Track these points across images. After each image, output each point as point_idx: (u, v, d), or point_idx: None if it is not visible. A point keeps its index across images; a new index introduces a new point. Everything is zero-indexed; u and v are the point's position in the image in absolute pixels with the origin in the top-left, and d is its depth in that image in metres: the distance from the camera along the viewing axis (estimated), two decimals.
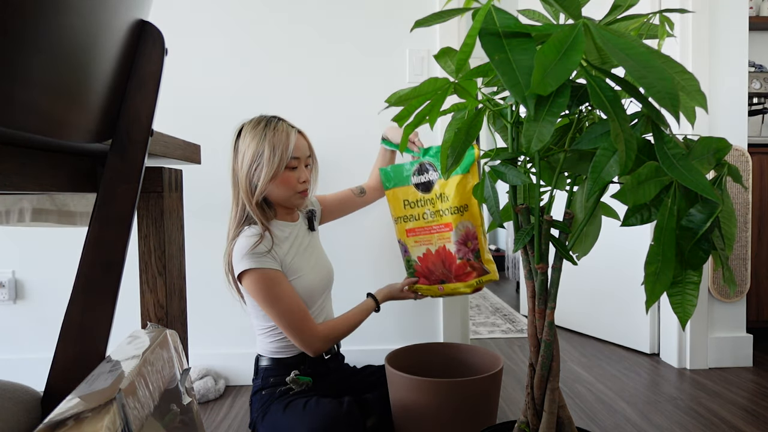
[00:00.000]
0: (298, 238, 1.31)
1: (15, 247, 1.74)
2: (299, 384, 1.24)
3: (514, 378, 1.80)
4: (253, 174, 1.20)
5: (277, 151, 1.19)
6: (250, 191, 1.21)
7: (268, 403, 1.22)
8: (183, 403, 0.54)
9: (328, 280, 1.35)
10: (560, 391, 0.76)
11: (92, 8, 0.43)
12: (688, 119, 0.68)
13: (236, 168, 1.23)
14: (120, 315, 0.53)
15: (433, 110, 0.76)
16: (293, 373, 1.25)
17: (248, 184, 1.21)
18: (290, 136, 1.22)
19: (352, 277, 1.78)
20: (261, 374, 1.28)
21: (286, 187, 1.23)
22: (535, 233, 0.73)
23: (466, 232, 1.36)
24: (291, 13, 1.77)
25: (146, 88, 0.56)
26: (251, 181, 1.21)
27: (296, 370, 1.26)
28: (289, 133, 1.22)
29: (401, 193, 1.47)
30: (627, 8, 0.67)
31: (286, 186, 1.23)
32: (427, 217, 1.42)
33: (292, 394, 1.22)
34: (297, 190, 1.25)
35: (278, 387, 1.24)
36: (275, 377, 1.26)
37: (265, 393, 1.24)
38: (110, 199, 0.53)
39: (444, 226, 1.38)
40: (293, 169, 1.23)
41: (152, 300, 0.74)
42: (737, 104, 1.86)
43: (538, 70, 0.52)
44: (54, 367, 0.49)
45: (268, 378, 1.26)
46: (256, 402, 1.26)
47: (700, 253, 0.61)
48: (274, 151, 1.19)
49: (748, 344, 1.89)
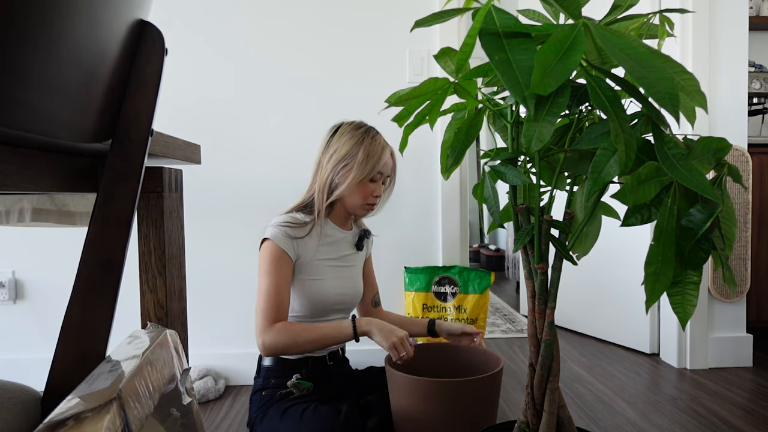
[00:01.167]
0: (337, 245, 1.32)
1: (15, 247, 1.74)
2: (300, 389, 1.23)
3: (514, 378, 1.80)
4: (338, 171, 1.25)
5: (370, 160, 1.24)
6: (328, 185, 1.26)
7: (267, 405, 1.22)
8: (183, 403, 0.54)
9: (347, 301, 1.33)
10: (560, 391, 0.76)
11: (92, 8, 0.43)
12: (688, 119, 0.68)
13: (322, 160, 1.28)
14: (120, 315, 0.53)
15: (433, 110, 0.76)
16: (295, 377, 1.24)
17: (329, 178, 1.26)
18: (385, 150, 1.28)
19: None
20: (263, 374, 1.27)
21: (359, 195, 1.27)
22: (535, 233, 0.73)
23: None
24: (291, 13, 1.77)
25: (146, 88, 0.56)
26: (332, 177, 1.26)
27: (298, 374, 1.25)
28: (384, 147, 1.28)
29: (423, 298, 1.74)
30: (627, 8, 0.67)
31: (360, 194, 1.27)
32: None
33: (292, 398, 1.22)
34: (367, 202, 1.29)
35: (279, 389, 1.23)
36: (277, 378, 1.25)
37: (265, 394, 1.24)
38: (110, 199, 0.53)
39: None
40: (372, 181, 1.28)
41: (152, 300, 0.74)
42: (737, 104, 1.86)
43: (538, 70, 0.52)
44: (54, 367, 0.49)
45: (270, 379, 1.25)
46: (255, 402, 1.25)
47: (700, 253, 0.61)
48: (368, 159, 1.24)
49: (748, 344, 1.89)
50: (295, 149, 1.78)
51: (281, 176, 1.78)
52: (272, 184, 1.78)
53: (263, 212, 1.78)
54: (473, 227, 5.01)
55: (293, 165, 1.78)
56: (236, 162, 1.77)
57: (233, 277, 1.78)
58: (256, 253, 1.78)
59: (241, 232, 1.77)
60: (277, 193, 1.78)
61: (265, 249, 1.22)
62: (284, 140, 1.78)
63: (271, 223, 1.25)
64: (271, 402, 1.22)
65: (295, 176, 1.78)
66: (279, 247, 1.20)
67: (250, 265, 1.78)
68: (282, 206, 1.78)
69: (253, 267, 1.78)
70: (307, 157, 1.79)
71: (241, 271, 1.78)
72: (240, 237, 1.77)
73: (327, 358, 1.30)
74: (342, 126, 1.30)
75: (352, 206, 1.29)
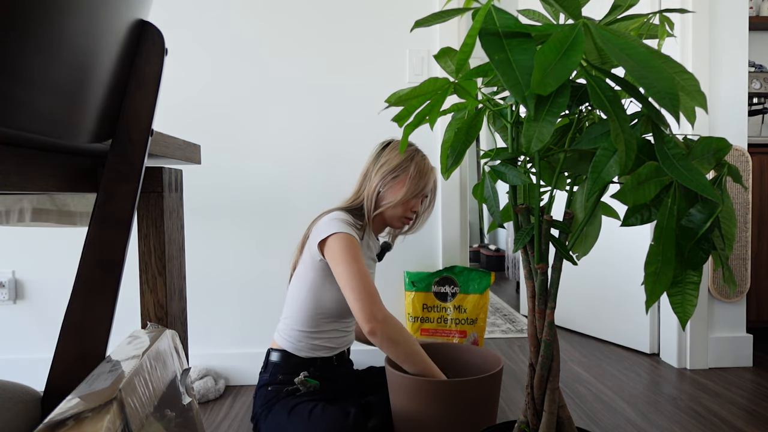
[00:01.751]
0: (369, 252, 1.38)
1: (15, 247, 1.74)
2: (307, 386, 1.24)
3: (514, 378, 1.80)
4: (387, 182, 1.31)
5: (423, 177, 1.32)
6: (375, 195, 1.31)
7: (273, 401, 1.22)
8: (183, 403, 0.54)
9: None
10: (560, 391, 0.76)
11: (92, 8, 0.43)
12: (688, 119, 0.68)
13: (371, 171, 1.34)
14: (120, 315, 0.53)
15: (433, 110, 0.76)
16: (302, 374, 1.25)
17: (377, 188, 1.31)
18: (434, 171, 1.37)
19: None
20: (270, 369, 1.27)
21: (401, 208, 1.32)
22: (535, 233, 0.73)
23: (474, 341, 1.71)
24: (291, 13, 1.77)
25: (146, 88, 0.56)
26: (379, 188, 1.31)
27: (305, 372, 1.26)
28: (433, 169, 1.37)
29: (423, 298, 1.75)
30: (627, 8, 0.67)
31: (402, 207, 1.32)
32: (447, 322, 1.72)
33: (299, 395, 1.22)
34: (405, 215, 1.33)
35: (285, 386, 1.24)
36: (284, 375, 1.25)
37: (271, 389, 1.24)
38: (110, 199, 0.53)
39: (458, 333, 1.71)
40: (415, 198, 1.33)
41: (152, 300, 0.74)
42: (737, 104, 1.86)
43: (538, 70, 0.52)
44: (54, 367, 0.49)
45: (277, 374, 1.26)
46: (261, 396, 1.25)
47: (700, 253, 0.61)
48: (420, 176, 1.31)
49: (748, 344, 1.89)
50: (295, 149, 1.78)
51: (281, 176, 1.78)
52: (272, 184, 1.78)
53: (263, 212, 1.78)
54: (473, 227, 5.01)
55: (293, 165, 1.78)
56: (236, 162, 1.77)
57: (233, 277, 1.78)
58: (256, 253, 1.79)
59: (242, 232, 1.77)
60: (278, 193, 1.78)
61: (341, 240, 1.20)
62: (284, 140, 1.78)
63: (330, 219, 1.24)
64: (278, 398, 1.22)
65: (295, 176, 1.78)
66: (356, 239, 1.22)
67: (250, 265, 1.78)
68: (282, 206, 1.78)
69: (253, 267, 1.79)
70: (307, 157, 1.79)
71: (241, 270, 1.78)
72: (240, 237, 1.77)
73: (334, 358, 1.31)
74: (393, 141, 1.37)
75: (391, 217, 1.34)
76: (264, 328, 1.79)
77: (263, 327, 1.79)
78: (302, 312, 1.28)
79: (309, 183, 1.79)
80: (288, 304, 1.32)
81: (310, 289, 1.27)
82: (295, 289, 1.30)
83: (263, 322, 1.79)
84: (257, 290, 1.79)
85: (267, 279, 1.78)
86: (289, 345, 1.28)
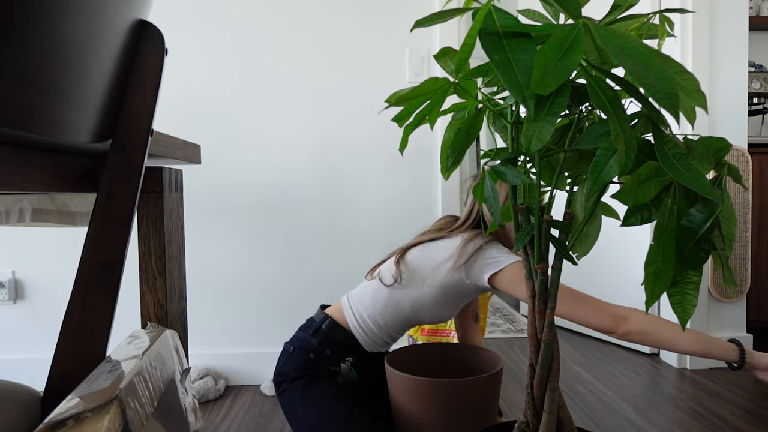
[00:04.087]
0: None
1: (15, 247, 1.74)
2: (347, 374, 1.23)
3: (514, 378, 1.80)
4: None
5: None
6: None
7: (312, 375, 1.20)
8: (183, 403, 0.54)
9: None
10: (560, 391, 0.76)
11: (92, 8, 0.43)
12: (688, 119, 0.68)
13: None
14: (120, 315, 0.53)
15: (433, 110, 0.76)
16: (348, 360, 1.24)
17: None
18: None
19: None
20: (321, 337, 1.24)
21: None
22: (535, 233, 0.73)
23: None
24: (291, 13, 1.77)
25: (146, 88, 0.56)
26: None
27: (351, 358, 1.24)
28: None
29: None
30: (627, 8, 0.67)
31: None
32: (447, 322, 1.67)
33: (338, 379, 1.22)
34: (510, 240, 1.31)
35: (329, 364, 1.23)
36: (332, 351, 1.23)
37: (313, 357, 1.22)
38: (110, 199, 0.53)
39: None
40: None
41: (152, 300, 0.74)
42: (737, 104, 1.86)
43: (538, 70, 0.52)
44: (54, 367, 0.49)
45: (326, 348, 1.23)
46: (296, 358, 1.23)
47: (700, 253, 0.61)
48: None
49: (748, 344, 1.89)
50: (295, 149, 1.78)
51: (281, 176, 1.78)
52: (272, 184, 1.78)
53: (263, 212, 1.78)
54: None
55: (293, 165, 1.78)
56: (236, 162, 1.77)
57: (233, 277, 1.78)
58: (256, 253, 1.79)
59: (242, 232, 1.77)
60: (278, 193, 1.78)
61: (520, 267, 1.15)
62: (284, 140, 1.78)
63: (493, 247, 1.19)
64: (316, 372, 1.21)
65: (295, 176, 1.78)
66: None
67: (250, 265, 1.78)
68: (282, 206, 1.78)
69: (253, 267, 1.79)
70: (308, 158, 1.79)
71: (241, 271, 1.78)
72: (240, 237, 1.77)
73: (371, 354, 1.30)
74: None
75: (506, 239, 1.30)
76: (264, 328, 1.79)
77: (263, 327, 1.79)
78: (395, 316, 1.25)
79: (309, 183, 1.79)
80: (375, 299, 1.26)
81: (420, 303, 1.23)
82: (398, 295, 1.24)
83: (263, 322, 1.79)
84: (257, 290, 1.79)
85: (267, 279, 1.78)
86: (359, 332, 1.25)
